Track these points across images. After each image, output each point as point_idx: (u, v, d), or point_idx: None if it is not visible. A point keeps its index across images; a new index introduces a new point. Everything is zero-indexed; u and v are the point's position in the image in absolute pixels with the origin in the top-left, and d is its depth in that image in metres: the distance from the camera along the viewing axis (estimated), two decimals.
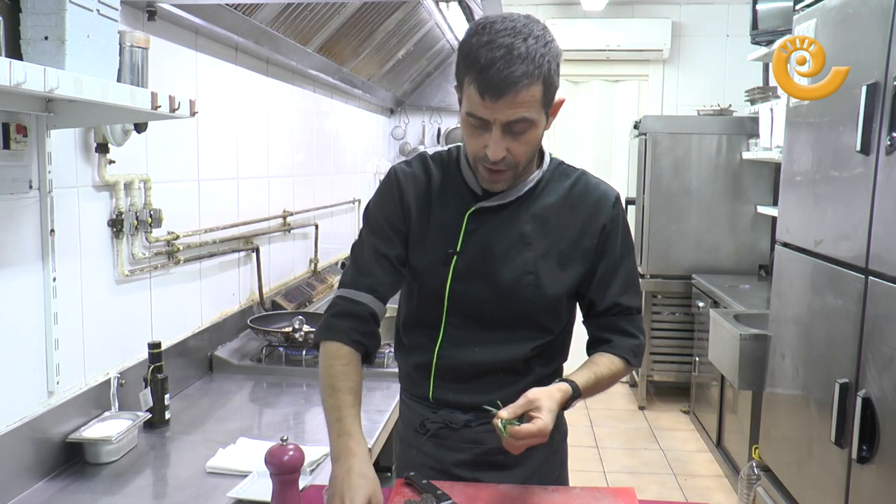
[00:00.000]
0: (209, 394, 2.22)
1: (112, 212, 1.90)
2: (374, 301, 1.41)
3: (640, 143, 4.73)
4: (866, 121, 1.90)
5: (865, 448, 1.88)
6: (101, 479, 1.62)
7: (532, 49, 1.19)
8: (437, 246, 1.39)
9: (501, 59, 1.17)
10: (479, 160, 1.30)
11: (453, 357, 1.41)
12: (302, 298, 3.09)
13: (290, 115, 3.20)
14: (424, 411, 1.47)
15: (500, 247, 1.36)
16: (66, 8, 1.27)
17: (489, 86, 1.19)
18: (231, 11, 2.22)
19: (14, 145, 1.49)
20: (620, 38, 5.09)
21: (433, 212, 1.40)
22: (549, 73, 1.21)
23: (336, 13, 2.81)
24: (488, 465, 1.43)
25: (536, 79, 1.20)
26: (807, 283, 2.33)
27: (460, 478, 1.44)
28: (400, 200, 1.41)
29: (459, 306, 1.39)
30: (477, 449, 1.44)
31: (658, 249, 4.68)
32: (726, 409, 3.82)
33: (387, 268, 1.42)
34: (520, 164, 1.30)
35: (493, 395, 1.35)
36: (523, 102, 1.20)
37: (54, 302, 1.64)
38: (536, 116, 1.24)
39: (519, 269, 1.36)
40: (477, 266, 1.37)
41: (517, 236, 1.36)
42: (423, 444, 1.47)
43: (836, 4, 2.17)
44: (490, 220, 1.37)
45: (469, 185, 1.40)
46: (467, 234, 1.37)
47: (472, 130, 1.28)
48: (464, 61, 1.23)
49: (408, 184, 1.42)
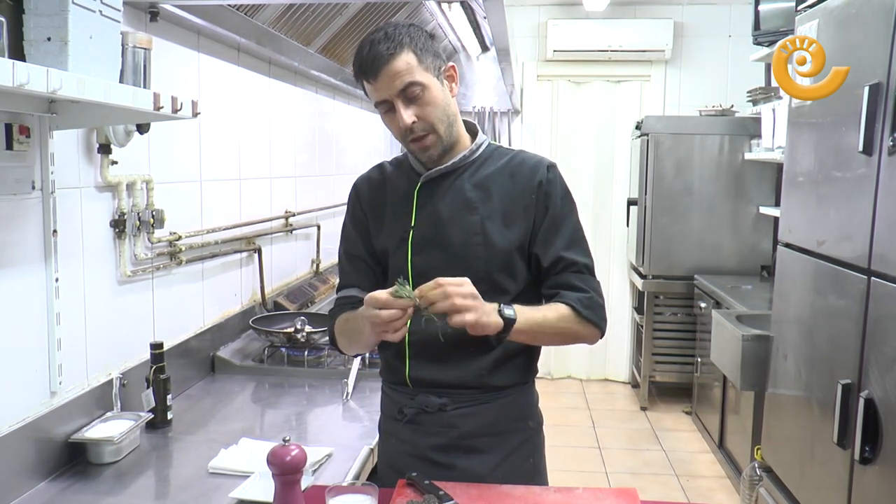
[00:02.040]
0: (211, 394, 2.22)
1: (114, 212, 1.90)
2: (360, 292, 1.51)
3: (642, 143, 4.73)
4: (868, 121, 1.90)
5: (868, 449, 1.88)
6: (103, 480, 1.62)
7: (390, 33, 1.39)
8: (395, 228, 1.53)
9: (368, 50, 1.39)
10: (405, 139, 1.46)
11: (424, 331, 1.45)
12: (304, 299, 3.09)
13: (292, 115, 3.20)
14: (402, 398, 1.55)
15: (447, 214, 1.49)
16: (68, 9, 1.27)
17: (367, 70, 1.39)
18: (233, 12, 2.22)
19: (17, 146, 1.50)
20: (622, 39, 5.08)
21: (388, 201, 1.55)
22: (412, 44, 1.39)
23: (338, 14, 2.81)
24: (462, 448, 1.50)
25: (401, 48, 1.38)
26: (809, 283, 2.33)
27: (436, 462, 1.51)
28: (358, 203, 1.59)
29: (422, 278, 1.41)
30: (451, 433, 1.50)
31: (660, 250, 4.68)
32: (728, 409, 3.82)
33: (360, 266, 1.58)
34: (435, 125, 1.43)
35: (464, 371, 1.48)
36: (399, 70, 1.37)
37: (57, 302, 1.64)
38: (423, 80, 1.39)
39: (467, 232, 1.47)
40: (430, 235, 1.49)
41: (462, 203, 1.49)
42: (401, 431, 1.55)
43: (839, 5, 2.16)
44: (436, 192, 1.50)
45: (415, 169, 1.54)
46: (418, 209, 1.51)
47: (387, 118, 1.45)
48: (355, 73, 1.44)
49: (363, 187, 1.60)
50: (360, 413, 2.09)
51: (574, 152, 5.31)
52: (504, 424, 1.52)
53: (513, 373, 1.52)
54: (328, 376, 2.36)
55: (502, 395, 1.51)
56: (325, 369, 2.41)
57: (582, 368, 5.51)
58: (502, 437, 1.51)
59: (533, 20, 5.26)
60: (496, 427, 1.51)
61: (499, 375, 1.50)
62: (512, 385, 1.53)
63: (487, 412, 1.50)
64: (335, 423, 2.03)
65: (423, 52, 1.39)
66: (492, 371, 1.48)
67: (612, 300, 5.41)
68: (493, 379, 1.49)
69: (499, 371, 1.49)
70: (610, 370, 5.51)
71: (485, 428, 1.50)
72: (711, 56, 5.15)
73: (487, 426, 1.50)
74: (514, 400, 1.53)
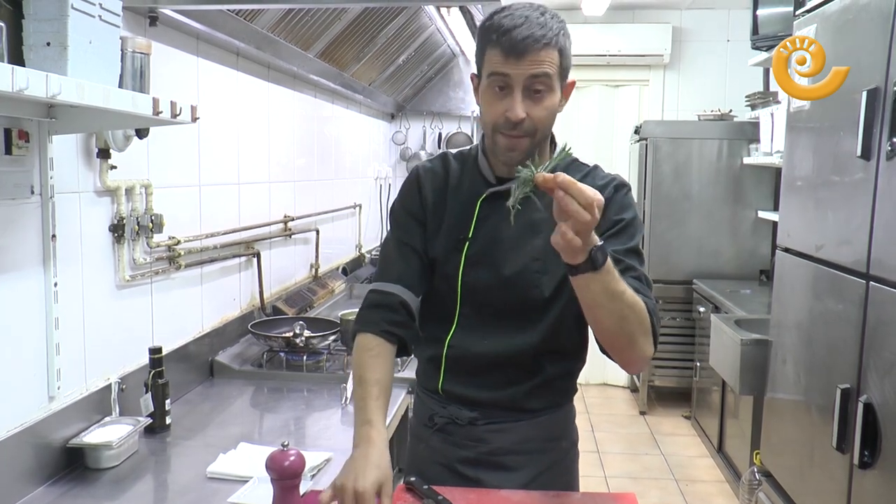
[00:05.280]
0: (210, 399, 2.22)
1: (113, 217, 1.90)
2: (402, 290, 1.42)
3: (641, 147, 4.73)
4: (867, 126, 1.90)
5: (867, 453, 1.88)
6: (101, 485, 1.62)
7: (548, 21, 1.29)
8: (451, 234, 1.43)
9: (523, 24, 1.27)
10: (498, 128, 1.33)
11: (463, 347, 1.43)
12: (303, 303, 3.09)
13: (291, 120, 3.20)
14: (434, 405, 1.50)
15: (509, 233, 1.37)
16: (68, 14, 1.27)
17: (514, 45, 1.26)
18: (232, 17, 2.22)
19: (16, 151, 1.50)
20: (621, 43, 5.10)
21: (448, 202, 1.45)
22: (563, 44, 1.30)
23: (337, 19, 2.81)
24: (491, 464, 1.44)
25: (553, 44, 1.28)
26: (808, 288, 2.33)
27: (464, 476, 1.45)
28: (419, 193, 1.47)
29: (471, 294, 1.41)
30: (481, 448, 1.45)
31: (659, 254, 4.68)
32: (727, 414, 3.82)
33: (410, 257, 1.45)
34: (538, 130, 1.32)
35: (500, 392, 1.41)
36: (543, 61, 1.27)
37: (55, 307, 1.64)
38: (554, 80, 1.30)
39: (526, 256, 1.37)
40: (487, 252, 1.39)
41: (527, 223, 1.35)
42: (431, 438, 1.50)
43: (836, 10, 2.17)
44: (501, 207, 1.31)
45: (484, 174, 1.44)
46: (479, 221, 1.41)
47: (494, 95, 1.31)
48: (486, 33, 1.31)
49: (426, 178, 1.48)
50: None
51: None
52: (536, 444, 1.45)
53: (550, 397, 1.46)
54: (327, 381, 2.35)
55: (536, 415, 1.45)
56: (323, 374, 2.41)
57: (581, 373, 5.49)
58: (533, 455, 1.44)
59: None
60: (527, 445, 1.45)
61: (534, 400, 1.44)
62: (548, 408, 1.47)
63: (519, 430, 1.44)
64: (334, 428, 2.02)
65: (565, 55, 1.31)
66: (528, 396, 1.42)
67: None
68: (528, 403, 1.44)
69: (535, 397, 1.44)
70: (609, 374, 5.50)
71: (516, 445, 1.44)
72: (710, 61, 5.16)
73: (518, 444, 1.44)
74: (549, 420, 1.47)
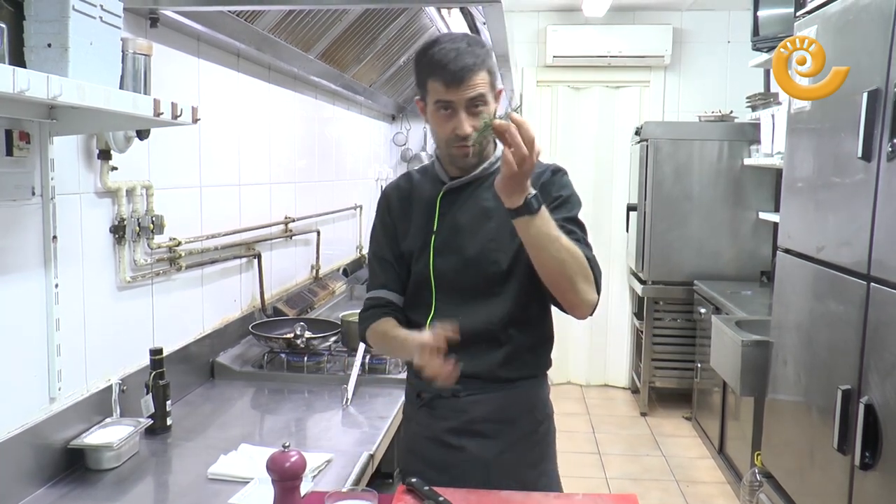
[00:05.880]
0: (211, 400, 2.22)
1: (114, 218, 1.90)
2: (388, 293, 1.68)
3: (642, 149, 4.73)
4: (867, 127, 1.90)
5: (868, 455, 1.87)
6: (102, 486, 1.62)
7: (475, 49, 1.53)
8: (419, 232, 1.65)
9: (456, 57, 1.49)
10: (451, 143, 1.56)
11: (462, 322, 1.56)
12: (303, 305, 3.09)
13: (291, 121, 3.21)
14: (421, 384, 1.66)
15: (466, 221, 1.61)
16: (69, 15, 1.27)
17: (453, 76, 1.49)
18: (233, 18, 2.22)
19: (17, 152, 1.50)
20: (622, 45, 5.10)
21: (414, 207, 1.68)
22: (490, 64, 1.54)
23: (338, 20, 2.82)
24: (472, 432, 1.62)
25: (483, 67, 1.52)
26: (808, 289, 2.33)
27: (449, 444, 1.63)
28: (387, 209, 1.71)
29: (443, 280, 1.63)
30: (463, 417, 1.63)
31: (659, 256, 4.68)
32: (728, 415, 3.82)
33: (388, 267, 1.69)
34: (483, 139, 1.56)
35: (477, 363, 1.59)
36: (477, 84, 1.51)
37: (56, 308, 1.64)
38: (488, 96, 1.53)
39: (484, 238, 1.59)
40: (451, 240, 1.62)
41: (480, 211, 1.61)
42: (419, 414, 1.70)
43: (837, 11, 2.17)
44: (456, 201, 1.63)
45: (440, 177, 1.67)
46: (441, 216, 1.64)
47: (442, 117, 1.54)
48: (426, 67, 1.54)
49: (392, 195, 1.73)
50: (360, 419, 2.08)
51: (574, 158, 5.31)
52: (511, 413, 1.63)
53: (522, 367, 1.64)
54: (327, 382, 2.35)
55: (512, 386, 1.63)
56: (324, 375, 2.41)
57: (581, 374, 5.50)
58: (509, 424, 1.62)
59: (532, 26, 5.27)
60: (503, 414, 1.62)
61: (508, 369, 1.62)
62: (521, 378, 1.64)
63: (496, 401, 1.62)
64: (335, 429, 2.02)
65: (493, 73, 1.55)
66: (502, 365, 1.61)
67: (611, 305, 5.41)
68: (503, 372, 1.61)
69: (509, 365, 1.61)
70: (610, 376, 5.50)
71: (493, 414, 1.62)
72: (710, 62, 5.16)
73: (495, 413, 1.62)
74: (523, 392, 1.65)
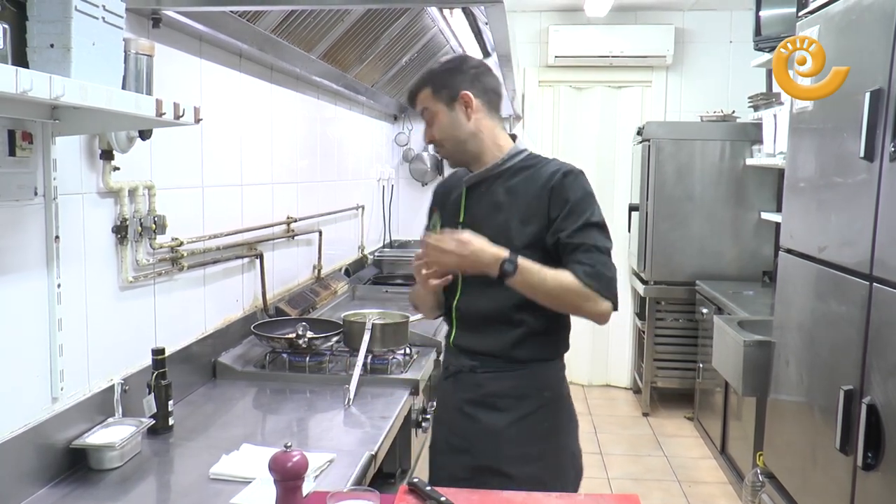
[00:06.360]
0: (213, 400, 2.22)
1: (116, 218, 1.90)
2: None
3: (644, 149, 4.73)
4: (870, 127, 1.90)
5: (871, 455, 1.87)
6: (104, 486, 1.62)
7: (429, 69, 1.86)
8: (450, 222, 1.88)
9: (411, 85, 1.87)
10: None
11: (464, 308, 1.87)
12: (305, 305, 3.09)
13: (293, 121, 3.21)
14: (449, 357, 1.94)
15: (482, 213, 1.83)
16: (71, 16, 1.27)
17: (409, 100, 1.89)
18: (235, 18, 2.22)
19: (19, 152, 1.50)
20: (624, 45, 5.09)
21: (451, 199, 1.92)
22: (434, 79, 1.81)
23: (340, 20, 2.82)
24: (487, 405, 1.82)
25: (424, 84, 1.81)
26: (811, 289, 2.33)
27: (467, 414, 1.84)
28: (435, 201, 2.01)
29: None
30: (480, 391, 1.83)
31: (661, 256, 4.68)
32: (730, 415, 3.81)
33: None
34: (443, 143, 1.83)
35: (492, 342, 1.81)
36: (420, 101, 1.83)
37: (59, 308, 1.64)
38: (434, 108, 1.80)
39: (495, 230, 1.76)
40: (474, 230, 1.76)
41: (493, 205, 1.81)
42: (446, 385, 1.94)
43: (839, 11, 2.17)
44: (476, 195, 1.86)
45: (463, 177, 1.90)
46: (466, 208, 1.87)
47: None
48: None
49: (439, 189, 2.03)
50: (362, 419, 2.08)
51: (575, 158, 5.29)
52: (522, 390, 1.80)
53: (534, 350, 1.80)
54: (330, 382, 2.35)
55: (524, 367, 1.80)
56: (326, 375, 2.41)
57: (583, 374, 5.50)
58: (519, 400, 1.80)
59: (534, 26, 5.27)
60: (515, 391, 1.80)
61: (521, 350, 1.79)
62: (533, 360, 1.81)
63: (508, 378, 1.80)
64: (337, 429, 2.02)
65: (438, 85, 1.79)
66: (514, 346, 1.79)
67: None
68: (516, 353, 1.80)
69: (522, 346, 1.79)
70: (612, 376, 5.50)
71: (505, 391, 1.80)
72: (712, 62, 5.16)
73: (507, 390, 1.80)
74: (534, 371, 1.81)
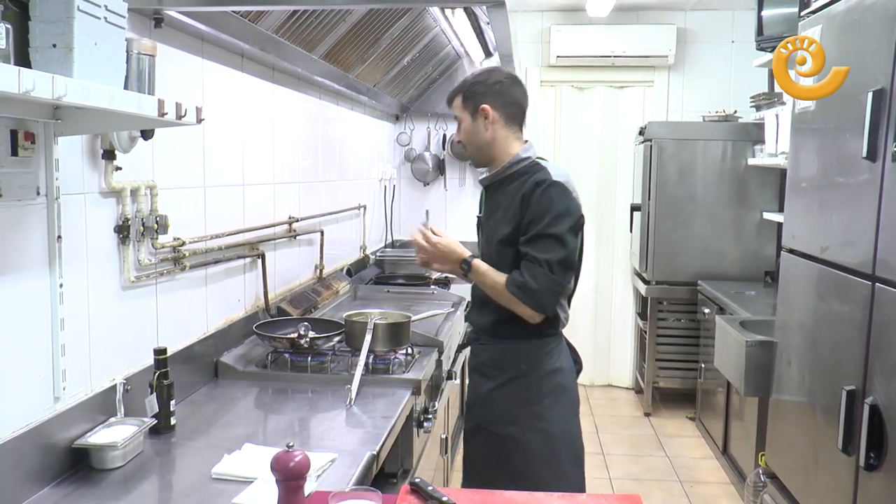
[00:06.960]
0: (214, 400, 2.22)
1: (118, 218, 1.90)
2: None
3: (646, 149, 4.73)
4: (872, 127, 1.90)
5: (873, 455, 1.87)
6: (106, 485, 1.62)
7: (464, 79, 2.20)
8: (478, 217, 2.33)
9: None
10: None
11: (474, 289, 2.24)
12: (307, 304, 3.09)
13: (295, 121, 3.21)
14: (468, 329, 2.37)
15: (489, 211, 2.21)
16: (74, 16, 1.28)
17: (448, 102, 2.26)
18: (237, 18, 2.23)
19: (22, 152, 1.50)
20: (626, 45, 5.09)
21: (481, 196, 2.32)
22: (465, 89, 2.15)
23: (342, 20, 2.82)
24: (479, 371, 2.23)
25: (457, 93, 2.18)
26: (813, 289, 2.33)
27: (470, 378, 2.27)
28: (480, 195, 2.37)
29: (481, 252, 2.22)
30: (475, 359, 2.26)
31: (663, 256, 4.68)
32: (732, 415, 3.81)
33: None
34: (466, 146, 2.22)
35: (483, 319, 2.20)
36: (454, 106, 2.22)
37: (61, 308, 1.65)
38: (461, 115, 2.18)
39: (491, 225, 2.17)
40: (483, 224, 2.25)
41: (496, 204, 2.17)
42: (467, 350, 2.34)
43: (842, 10, 2.16)
44: (490, 194, 2.23)
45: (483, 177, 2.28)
46: (484, 204, 2.26)
47: None
48: None
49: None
50: (364, 418, 2.08)
51: (577, 158, 5.32)
52: (502, 363, 2.15)
53: (513, 329, 2.11)
54: (331, 382, 2.36)
55: (505, 341, 2.15)
56: (328, 375, 2.41)
57: (585, 374, 5.48)
58: (499, 369, 2.15)
59: (536, 26, 5.27)
60: (497, 363, 2.16)
61: (502, 328, 2.14)
62: (513, 337, 2.13)
63: (493, 351, 2.18)
64: (338, 429, 2.02)
65: (469, 96, 2.15)
66: (497, 324, 2.14)
67: (614, 306, 5.42)
68: (498, 330, 2.16)
69: (502, 325, 2.13)
70: (613, 376, 5.50)
71: (490, 361, 2.19)
72: (714, 62, 5.16)
73: (492, 360, 2.18)
74: (513, 346, 2.14)
